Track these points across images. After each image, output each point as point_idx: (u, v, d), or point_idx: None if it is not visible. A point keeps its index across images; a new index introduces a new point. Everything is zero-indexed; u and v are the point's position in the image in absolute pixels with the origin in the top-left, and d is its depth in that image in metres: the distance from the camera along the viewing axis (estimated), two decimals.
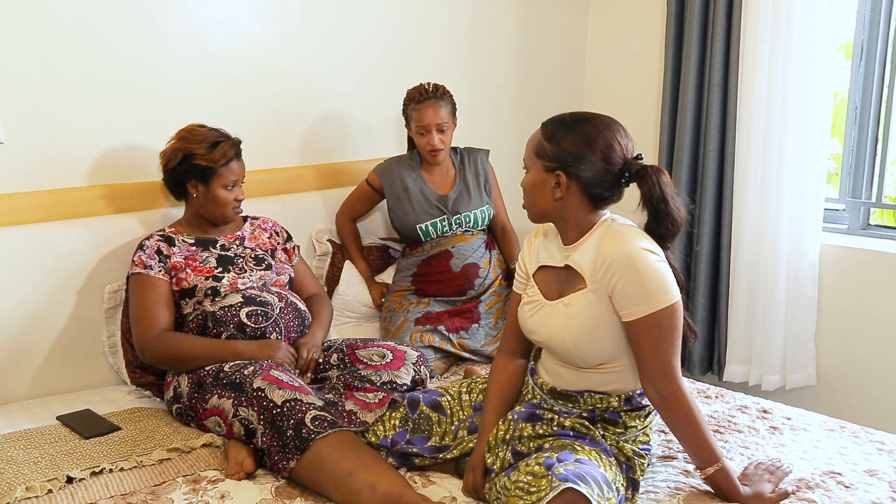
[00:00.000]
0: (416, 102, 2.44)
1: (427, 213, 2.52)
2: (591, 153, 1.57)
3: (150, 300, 2.04)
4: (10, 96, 2.07)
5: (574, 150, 1.57)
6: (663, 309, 1.52)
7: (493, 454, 1.64)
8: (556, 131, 1.61)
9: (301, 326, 2.14)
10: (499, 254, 2.65)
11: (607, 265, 1.54)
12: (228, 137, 2.15)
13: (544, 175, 1.61)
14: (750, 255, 2.94)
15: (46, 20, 2.11)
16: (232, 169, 2.13)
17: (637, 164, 1.59)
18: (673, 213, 1.59)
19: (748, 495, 1.57)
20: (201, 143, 2.10)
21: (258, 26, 2.55)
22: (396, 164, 2.58)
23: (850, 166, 2.93)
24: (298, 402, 1.72)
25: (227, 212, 2.17)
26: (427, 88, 2.47)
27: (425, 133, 2.45)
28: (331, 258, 2.69)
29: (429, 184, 2.55)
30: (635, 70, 3.47)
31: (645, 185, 1.58)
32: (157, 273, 2.07)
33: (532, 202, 1.67)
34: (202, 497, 1.61)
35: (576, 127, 1.59)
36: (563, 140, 1.59)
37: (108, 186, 2.27)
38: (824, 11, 2.69)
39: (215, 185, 2.12)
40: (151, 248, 2.10)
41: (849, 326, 2.87)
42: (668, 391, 1.55)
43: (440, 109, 2.44)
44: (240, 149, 2.16)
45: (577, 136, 1.58)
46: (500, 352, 1.83)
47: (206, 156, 2.09)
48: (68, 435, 1.82)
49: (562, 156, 1.58)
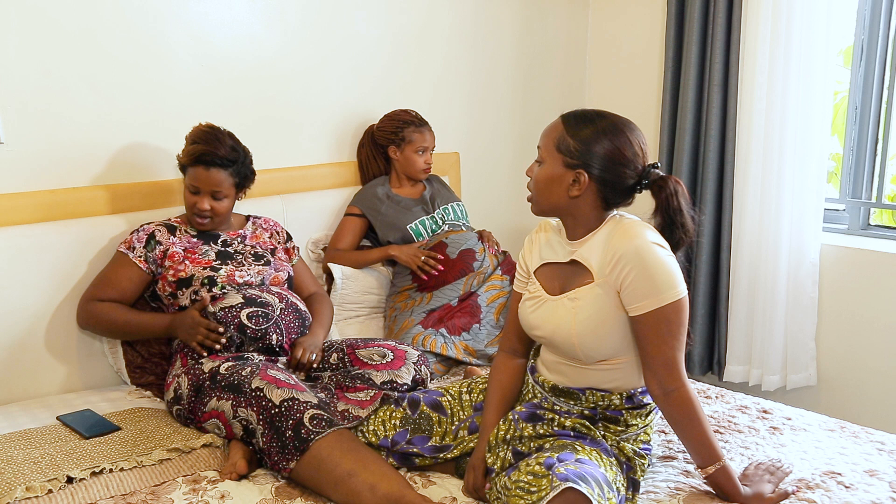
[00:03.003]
0: (417, 125, 2.70)
1: (413, 213, 2.66)
2: (614, 155, 1.56)
3: (111, 275, 2.11)
4: (10, 96, 2.07)
5: (602, 152, 1.56)
6: (671, 303, 1.52)
7: (494, 454, 1.64)
8: (582, 129, 1.58)
9: (301, 327, 2.14)
10: (493, 245, 2.70)
11: (617, 259, 1.53)
12: (210, 144, 2.09)
13: (563, 170, 1.59)
14: (750, 255, 2.94)
15: (46, 20, 2.11)
16: (196, 172, 2.09)
17: (655, 173, 1.59)
18: (687, 224, 1.59)
19: (748, 495, 1.57)
20: (189, 138, 2.13)
21: (259, 26, 2.55)
22: (367, 188, 2.76)
23: (850, 166, 2.93)
24: (296, 402, 1.72)
25: (190, 215, 2.16)
26: (418, 115, 2.74)
27: (423, 152, 2.71)
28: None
29: (401, 195, 2.73)
30: (635, 70, 3.47)
31: (663, 195, 1.58)
32: (136, 258, 2.10)
33: (543, 195, 1.64)
34: (202, 497, 1.61)
35: (604, 128, 1.57)
36: (591, 140, 1.56)
37: (109, 186, 2.27)
38: (824, 11, 2.70)
39: (185, 182, 2.14)
40: (144, 233, 2.13)
41: (849, 326, 2.87)
42: (672, 387, 1.55)
43: (432, 133, 2.74)
44: (218, 160, 2.08)
45: (601, 136, 1.56)
46: (501, 351, 1.82)
47: (185, 148, 2.13)
48: (69, 435, 1.82)
49: (587, 155, 1.56)
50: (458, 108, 3.20)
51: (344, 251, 2.64)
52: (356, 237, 2.68)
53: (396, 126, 2.69)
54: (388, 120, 2.73)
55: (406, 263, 2.55)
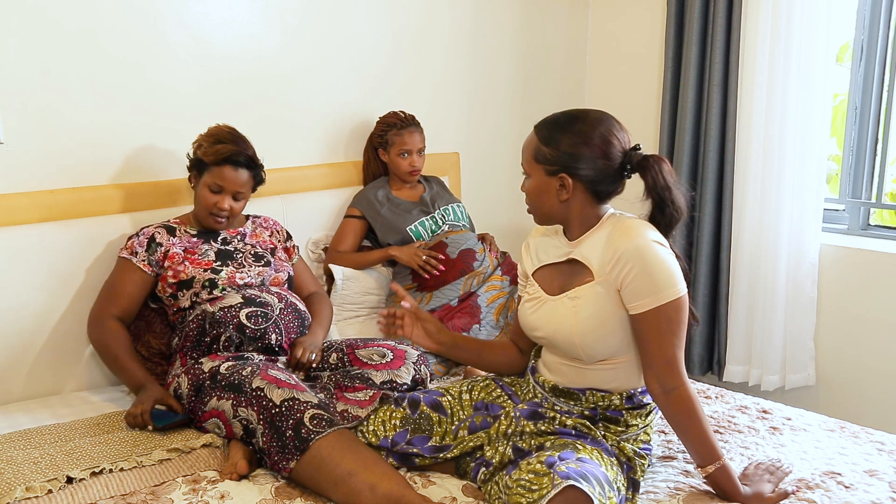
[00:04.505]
0: (399, 128, 2.68)
1: (412, 216, 2.66)
2: (590, 151, 1.58)
3: (118, 283, 2.10)
4: (10, 96, 2.07)
5: (573, 150, 1.58)
6: (671, 301, 1.53)
7: (493, 448, 1.66)
8: (552, 134, 1.61)
9: (301, 327, 2.14)
10: (492, 246, 2.72)
11: (618, 257, 1.54)
12: (238, 144, 2.13)
13: (547, 179, 1.62)
14: (750, 255, 2.94)
15: (46, 20, 2.10)
16: (223, 172, 2.11)
17: (637, 154, 1.60)
18: (677, 201, 1.60)
19: (748, 495, 1.57)
20: (210, 137, 2.13)
21: (259, 26, 2.55)
22: (367, 190, 2.75)
23: (850, 167, 2.93)
24: (297, 401, 1.72)
25: (206, 215, 2.16)
26: (404, 116, 2.71)
27: (408, 155, 2.68)
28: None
29: (400, 197, 2.73)
30: (635, 70, 3.47)
31: (649, 176, 1.59)
32: (140, 262, 2.09)
33: (537, 206, 1.68)
34: (202, 497, 1.61)
35: (571, 127, 1.60)
36: (560, 142, 1.59)
37: (109, 186, 2.26)
38: (824, 11, 2.70)
39: (203, 181, 2.13)
40: (144, 236, 2.12)
41: (848, 326, 2.87)
42: (672, 386, 1.55)
43: (418, 135, 2.70)
44: (245, 160, 2.13)
45: (573, 137, 1.59)
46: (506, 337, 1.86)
47: (207, 148, 2.11)
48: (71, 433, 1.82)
49: (561, 158, 1.59)
50: (458, 108, 3.20)
51: (345, 253, 2.64)
52: (357, 239, 2.68)
53: (382, 129, 2.71)
54: (378, 123, 2.75)
55: (407, 263, 2.55)
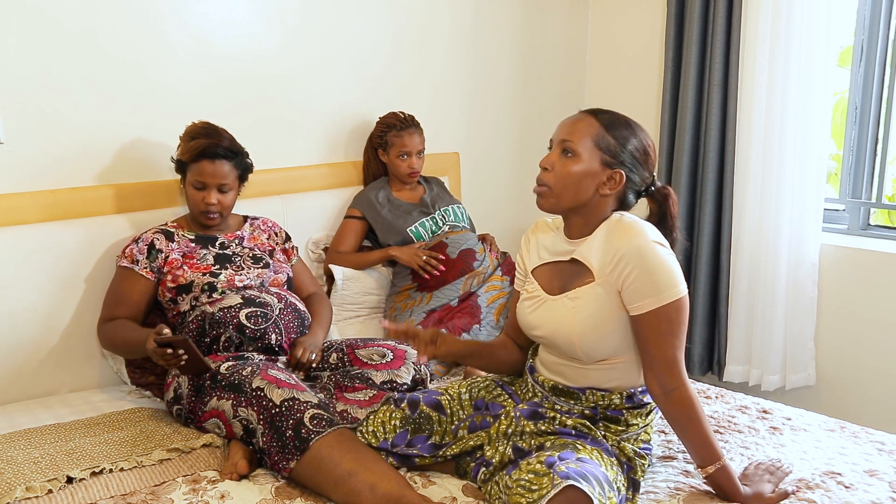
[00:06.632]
0: (399, 129, 2.66)
1: (412, 217, 2.66)
2: (647, 162, 1.63)
3: (121, 292, 2.09)
4: (10, 96, 2.07)
5: (638, 156, 1.62)
6: (672, 302, 1.53)
7: (493, 448, 1.66)
8: (619, 129, 1.61)
9: (301, 327, 2.14)
10: (492, 246, 2.73)
11: (618, 258, 1.54)
12: (211, 137, 2.10)
13: (600, 168, 1.60)
14: (750, 255, 2.94)
15: (46, 20, 2.11)
16: (201, 167, 2.09)
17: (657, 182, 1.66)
18: (676, 234, 1.67)
19: (748, 495, 1.57)
20: (186, 136, 2.13)
21: (259, 26, 2.55)
22: (367, 190, 2.74)
23: (850, 166, 2.93)
24: (297, 401, 1.72)
25: (198, 213, 2.15)
26: (404, 117, 2.70)
27: (406, 157, 2.67)
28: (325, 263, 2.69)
29: (401, 199, 2.72)
30: (635, 70, 3.47)
31: (666, 205, 1.65)
32: (142, 270, 2.08)
33: (570, 189, 1.59)
34: (202, 497, 1.61)
35: (636, 132, 1.63)
36: (628, 140, 1.61)
37: (109, 186, 2.27)
38: (824, 11, 2.69)
39: (188, 181, 2.12)
40: (144, 243, 2.11)
41: (848, 326, 2.87)
42: (672, 386, 1.55)
43: (418, 136, 2.69)
44: (222, 152, 2.10)
45: (638, 142, 1.62)
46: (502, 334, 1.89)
47: (183, 147, 2.11)
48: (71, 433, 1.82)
49: (625, 157, 1.60)
50: (458, 108, 3.20)
51: (345, 253, 2.64)
52: (357, 239, 2.68)
53: (381, 130, 2.71)
54: (378, 123, 2.74)
55: (407, 263, 2.55)
